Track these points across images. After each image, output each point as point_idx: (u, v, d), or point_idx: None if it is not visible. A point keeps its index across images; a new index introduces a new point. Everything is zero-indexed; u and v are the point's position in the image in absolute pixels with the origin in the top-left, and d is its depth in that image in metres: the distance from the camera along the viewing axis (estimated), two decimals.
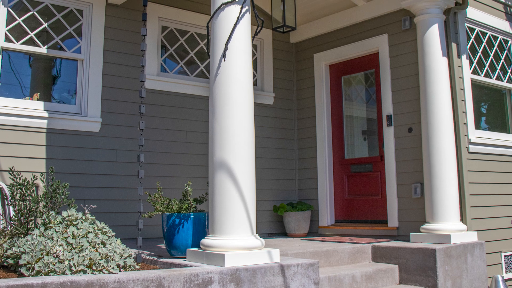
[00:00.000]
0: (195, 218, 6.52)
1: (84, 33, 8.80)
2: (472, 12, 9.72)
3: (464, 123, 8.91)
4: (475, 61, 9.73)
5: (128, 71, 9.05)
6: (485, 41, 10.10)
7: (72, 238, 5.39)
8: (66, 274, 5.01)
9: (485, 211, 9.03)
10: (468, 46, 9.55)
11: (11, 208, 7.15)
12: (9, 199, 7.02)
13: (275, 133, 10.85)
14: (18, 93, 8.28)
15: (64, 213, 5.71)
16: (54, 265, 5.06)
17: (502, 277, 8.89)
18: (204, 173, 8.98)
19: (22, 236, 6.08)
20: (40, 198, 6.34)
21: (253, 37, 6.57)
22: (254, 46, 10.89)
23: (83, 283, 4.62)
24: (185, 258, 6.22)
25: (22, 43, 8.24)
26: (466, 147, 8.88)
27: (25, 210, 6.30)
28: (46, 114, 8.19)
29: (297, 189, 11.00)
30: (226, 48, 6.12)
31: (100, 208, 8.05)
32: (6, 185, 7.34)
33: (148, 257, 6.46)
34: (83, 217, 5.74)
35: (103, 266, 5.20)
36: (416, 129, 8.99)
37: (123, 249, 5.57)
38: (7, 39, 8.10)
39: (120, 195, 8.69)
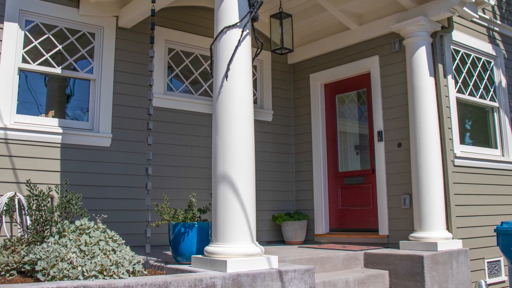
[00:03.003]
0: (199, 227, 6.54)
1: (96, 55, 8.85)
2: (458, 35, 9.77)
3: (450, 139, 8.95)
4: (460, 81, 9.77)
5: (137, 90, 9.09)
6: (469, 62, 10.15)
7: (85, 246, 5.41)
8: (79, 279, 5.03)
9: (470, 221, 9.05)
10: (454, 67, 9.60)
11: (27, 217, 7.18)
12: (26, 209, 7.06)
13: (273, 148, 10.88)
14: (34, 111, 8.31)
15: (77, 222, 5.73)
16: (68, 270, 5.08)
17: (485, 281, 8.89)
18: (208, 185, 9.05)
19: (38, 243, 6.10)
20: (55, 209, 6.36)
21: (253, 58, 6.61)
22: (254, 67, 10.93)
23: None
24: (190, 264, 6.23)
25: (38, 64, 8.29)
26: (452, 160, 8.91)
27: (41, 220, 6.32)
28: (60, 130, 8.23)
29: (294, 200, 11.01)
30: (228, 69, 6.15)
31: (111, 217, 8.07)
32: (23, 196, 7.38)
33: (155, 263, 6.48)
34: (95, 226, 5.76)
35: (113, 271, 5.22)
36: (405, 144, 9.03)
37: (132, 256, 5.59)
38: (24, 60, 8.15)
39: (130, 205, 8.70)
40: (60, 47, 8.53)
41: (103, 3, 8.80)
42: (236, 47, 6.21)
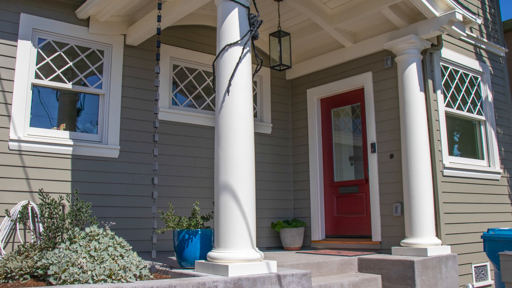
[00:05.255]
0: (202, 234, 6.56)
1: (105, 71, 8.89)
2: (446, 53, 9.83)
3: (439, 150, 8.98)
4: (448, 96, 9.81)
5: (144, 104, 9.13)
6: (457, 78, 10.19)
7: (94, 251, 5.43)
8: (89, 283, 5.05)
9: (458, 228, 9.08)
10: (443, 82, 9.65)
11: (40, 224, 7.21)
12: (38, 217, 7.09)
13: (272, 159, 10.90)
14: (46, 124, 8.34)
15: (87, 229, 5.76)
16: (79, 275, 5.11)
17: (473, 285, 8.95)
18: (210, 194, 9.07)
19: (50, 249, 6.13)
20: (66, 216, 6.39)
21: (253, 74, 6.65)
22: (254, 82, 10.96)
23: None
24: (194, 269, 6.25)
25: (50, 80, 8.33)
26: (441, 171, 8.94)
27: (53, 227, 6.35)
28: (71, 142, 8.26)
29: (292, 208, 11.03)
30: (229, 84, 6.19)
31: (119, 224, 8.11)
32: (36, 204, 7.41)
33: (161, 268, 6.50)
34: (104, 233, 5.79)
35: (121, 276, 5.24)
36: (397, 155, 9.06)
37: (139, 261, 5.61)
38: (37, 76, 8.19)
39: (137, 213, 8.72)
40: (71, 63, 8.58)
41: (111, 22, 8.86)
42: (237, 64, 6.26)
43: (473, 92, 10.58)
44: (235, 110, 6.18)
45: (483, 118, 10.65)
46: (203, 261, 6.11)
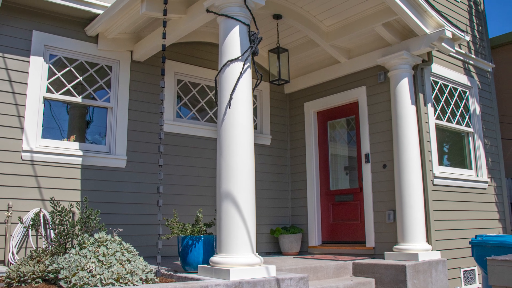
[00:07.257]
0: (205, 240, 6.58)
1: (112, 85, 8.93)
2: (436, 68, 9.88)
3: (430, 160, 9.01)
4: (438, 109, 9.85)
5: (149, 117, 9.16)
6: (447, 92, 10.24)
7: (103, 256, 5.46)
8: (98, 286, 5.07)
9: (447, 234, 9.09)
10: (433, 96, 9.69)
11: (51, 231, 7.23)
12: (50, 223, 7.12)
13: (271, 169, 10.92)
14: (57, 135, 8.37)
15: (96, 236, 5.78)
16: (88, 278, 5.13)
17: None
18: (213, 202, 9.10)
19: (61, 254, 6.15)
20: (76, 223, 6.42)
21: (253, 89, 6.69)
22: (254, 96, 11.00)
23: None
24: (197, 273, 6.26)
25: (61, 94, 8.37)
26: (431, 180, 8.97)
27: (63, 233, 6.38)
28: (81, 153, 8.29)
29: (290, 215, 11.04)
30: (231, 98, 6.23)
31: (126, 231, 8.13)
32: (48, 212, 7.44)
33: (166, 272, 6.51)
34: (112, 239, 5.81)
35: (128, 279, 5.26)
36: (390, 165, 9.09)
37: (145, 266, 5.63)
38: (48, 90, 8.24)
39: (143, 220, 8.73)
40: (80, 78, 8.62)
41: (119, 39, 8.91)
42: (238, 79, 6.30)
43: (461, 106, 10.62)
44: (236, 122, 6.22)
45: (471, 130, 10.68)
46: (205, 265, 6.13)
